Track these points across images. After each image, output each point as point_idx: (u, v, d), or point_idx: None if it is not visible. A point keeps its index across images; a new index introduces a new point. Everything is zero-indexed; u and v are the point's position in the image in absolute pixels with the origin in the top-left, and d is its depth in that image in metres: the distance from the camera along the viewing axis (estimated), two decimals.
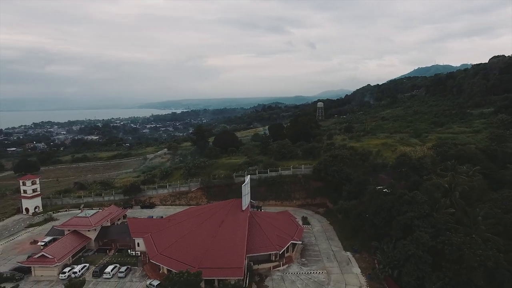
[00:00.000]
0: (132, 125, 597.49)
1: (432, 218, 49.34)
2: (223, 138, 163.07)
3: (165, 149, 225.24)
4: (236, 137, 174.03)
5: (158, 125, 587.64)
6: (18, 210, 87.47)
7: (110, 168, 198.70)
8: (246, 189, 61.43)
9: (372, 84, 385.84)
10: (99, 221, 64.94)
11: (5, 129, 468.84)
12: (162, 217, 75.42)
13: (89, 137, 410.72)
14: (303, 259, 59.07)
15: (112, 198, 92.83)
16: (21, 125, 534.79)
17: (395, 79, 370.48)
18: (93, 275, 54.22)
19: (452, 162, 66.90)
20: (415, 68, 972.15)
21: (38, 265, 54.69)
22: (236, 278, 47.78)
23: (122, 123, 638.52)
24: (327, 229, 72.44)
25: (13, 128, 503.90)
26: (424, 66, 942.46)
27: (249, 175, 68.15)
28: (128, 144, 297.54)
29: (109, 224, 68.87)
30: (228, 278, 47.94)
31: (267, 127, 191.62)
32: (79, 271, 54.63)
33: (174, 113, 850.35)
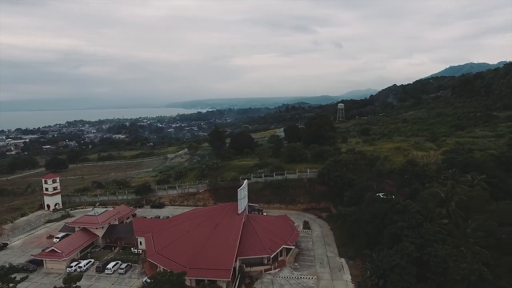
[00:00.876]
0: (158, 124, 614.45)
1: (422, 228, 48.90)
2: (239, 140, 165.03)
3: (186, 149, 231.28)
4: (252, 139, 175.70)
5: (183, 125, 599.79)
6: (41, 206, 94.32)
7: (132, 167, 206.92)
8: (242, 193, 63.22)
9: (400, 84, 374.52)
10: (106, 220, 69.27)
11: (42, 127, 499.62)
12: (168, 217, 78.89)
13: (116, 135, 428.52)
14: (296, 264, 60.14)
15: (125, 197, 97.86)
16: (56, 124, 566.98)
17: (421, 79, 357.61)
18: (96, 270, 58.34)
19: (453, 170, 65.30)
20: (447, 67, 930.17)
21: (48, 259, 59.57)
22: (224, 279, 49.87)
23: (149, 122, 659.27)
24: (327, 234, 72.84)
25: (49, 126, 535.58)
26: (457, 64, 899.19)
27: (246, 180, 69.82)
28: (152, 144, 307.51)
29: (117, 222, 73.10)
30: (216, 279, 50.15)
31: (282, 129, 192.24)
32: (84, 265, 58.98)
33: (199, 113, 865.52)
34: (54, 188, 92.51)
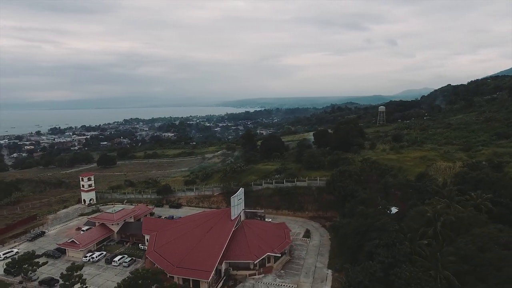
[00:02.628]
0: (206, 123, 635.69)
1: (395, 248, 48.73)
2: (269, 143, 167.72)
3: (224, 149, 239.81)
4: (281, 142, 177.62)
5: (229, 124, 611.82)
6: (79, 201, 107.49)
7: (172, 165, 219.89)
8: (235, 200, 67.14)
9: (462, 83, 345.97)
10: (121, 217, 77.97)
11: (102, 125, 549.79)
12: (180, 217, 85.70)
13: (166, 134, 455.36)
14: (282, 271, 62.72)
15: (149, 196, 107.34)
16: (115, 122, 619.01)
17: (477, 79, 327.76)
18: (105, 262, 66.73)
19: (449, 188, 62.63)
20: None
21: (69, 248, 69.38)
22: (204, 280, 54.59)
23: (198, 120, 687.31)
24: (324, 244, 73.87)
25: (108, 124, 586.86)
26: None
27: (241, 188, 73.37)
28: (194, 143, 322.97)
29: (132, 220, 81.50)
30: (197, 279, 55.08)
31: (311, 133, 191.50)
32: (97, 256, 67.80)
33: (247, 112, 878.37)
34: (89, 185, 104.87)
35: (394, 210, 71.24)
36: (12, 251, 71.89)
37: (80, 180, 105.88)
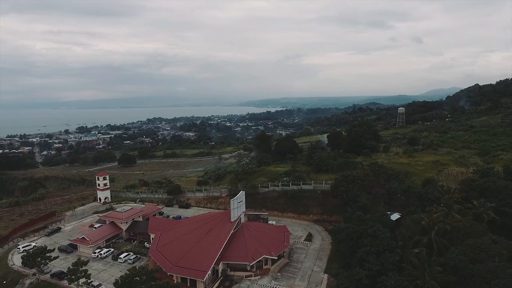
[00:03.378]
0: (227, 123, 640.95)
1: (384, 255, 48.84)
2: (283, 145, 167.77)
3: (241, 150, 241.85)
4: (295, 144, 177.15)
5: (250, 124, 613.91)
6: (95, 199, 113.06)
7: (189, 165, 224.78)
8: (235, 203, 68.90)
9: (492, 82, 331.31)
10: (129, 216, 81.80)
11: (126, 124, 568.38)
12: (186, 217, 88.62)
13: (187, 133, 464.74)
14: (279, 274, 63.92)
15: (160, 196, 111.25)
16: (138, 121, 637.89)
17: (507, 79, 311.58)
18: (112, 258, 70.52)
19: (449, 195, 61.47)
20: None
21: (80, 244, 73.77)
22: (200, 279, 56.82)
23: (219, 120, 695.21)
24: (324, 248, 74.27)
25: (132, 123, 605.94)
26: None
27: (242, 191, 75.00)
28: (213, 143, 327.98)
29: (141, 219, 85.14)
30: (193, 278, 57.41)
31: (325, 135, 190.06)
32: (104, 253, 71.72)
33: (268, 112, 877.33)
34: (105, 184, 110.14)
35: (395, 216, 70.63)
36: (30, 244, 77.29)
37: (96, 179, 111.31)
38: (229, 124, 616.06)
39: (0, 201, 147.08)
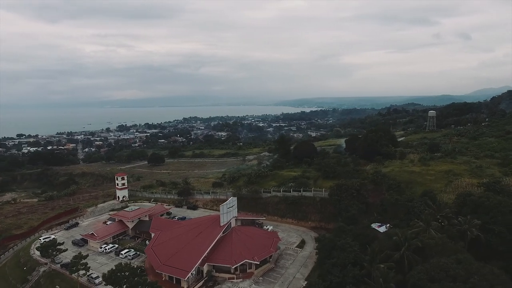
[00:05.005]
0: (260, 123, 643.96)
1: (346, 269, 50.14)
2: (302, 148, 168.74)
3: (266, 151, 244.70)
4: (314, 148, 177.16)
5: (283, 124, 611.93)
6: (115, 197, 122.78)
7: (214, 165, 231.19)
8: (224, 208, 72.91)
9: None
10: (136, 216, 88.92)
11: (163, 122, 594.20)
12: (190, 219, 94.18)
13: (219, 133, 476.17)
14: (261, 278, 66.92)
15: (172, 197, 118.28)
16: (175, 120, 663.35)
17: None
18: (115, 254, 77.71)
19: (428, 211, 60.60)
20: None
21: (89, 239, 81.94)
22: (182, 278, 61.61)
23: (252, 120, 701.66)
24: (313, 256, 75.60)
25: (168, 122, 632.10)
26: None
27: (233, 197, 78.64)
28: (241, 143, 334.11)
29: (147, 219, 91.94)
30: (177, 277, 62.35)
31: (343, 140, 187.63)
32: (109, 248, 79.12)
33: (303, 112, 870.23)
34: (123, 184, 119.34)
35: (383, 229, 70.59)
36: (50, 237, 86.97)
37: (115, 179, 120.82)
38: (262, 124, 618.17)
39: (43, 194, 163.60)
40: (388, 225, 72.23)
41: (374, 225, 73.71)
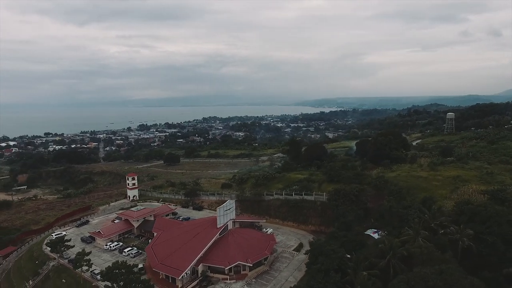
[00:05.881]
0: (279, 123, 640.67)
1: (328, 275, 50.96)
2: (312, 151, 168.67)
3: (280, 152, 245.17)
4: (325, 150, 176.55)
5: (301, 125, 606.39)
6: (126, 196, 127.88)
7: (228, 166, 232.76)
8: (221, 211, 75.11)
9: None
10: (140, 215, 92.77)
11: (182, 122, 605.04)
12: (194, 219, 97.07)
13: (236, 133, 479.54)
14: (254, 280, 68.60)
15: (179, 197, 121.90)
16: (194, 119, 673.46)
17: None
18: (118, 251, 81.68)
19: (420, 219, 60.18)
20: None
21: (96, 236, 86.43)
22: (176, 277, 64.29)
23: (271, 120, 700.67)
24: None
25: (188, 121, 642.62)
26: None
27: (229, 200, 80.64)
28: (256, 144, 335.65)
29: (152, 218, 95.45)
30: (172, 276, 65.10)
31: (354, 143, 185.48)
32: (114, 246, 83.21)
33: (322, 112, 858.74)
34: (133, 184, 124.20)
35: (377, 236, 70.53)
36: (61, 233, 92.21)
37: (126, 179, 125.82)
38: (280, 124, 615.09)
39: (63, 191, 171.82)
40: (381, 232, 72.11)
41: (369, 232, 73.78)
